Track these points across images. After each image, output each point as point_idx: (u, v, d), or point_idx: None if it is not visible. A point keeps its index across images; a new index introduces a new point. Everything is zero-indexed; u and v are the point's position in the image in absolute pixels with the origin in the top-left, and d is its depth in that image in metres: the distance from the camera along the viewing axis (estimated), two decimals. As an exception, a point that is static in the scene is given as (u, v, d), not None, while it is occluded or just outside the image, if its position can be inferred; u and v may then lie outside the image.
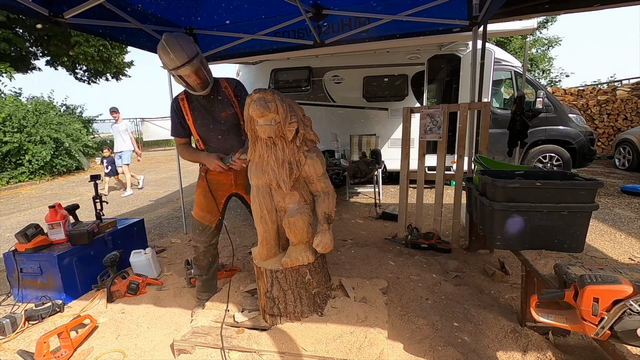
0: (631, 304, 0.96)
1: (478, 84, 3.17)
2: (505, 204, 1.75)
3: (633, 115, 8.51)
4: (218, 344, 1.80)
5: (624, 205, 4.22)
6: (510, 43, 17.49)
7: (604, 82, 14.11)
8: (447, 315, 2.01)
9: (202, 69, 1.89)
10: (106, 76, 15.09)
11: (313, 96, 5.80)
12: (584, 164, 5.60)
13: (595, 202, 1.68)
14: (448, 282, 2.41)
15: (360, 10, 3.12)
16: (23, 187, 8.61)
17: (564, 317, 1.14)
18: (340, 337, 1.76)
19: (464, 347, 1.73)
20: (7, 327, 2.09)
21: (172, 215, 4.94)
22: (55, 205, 2.67)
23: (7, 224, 5.06)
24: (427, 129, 3.02)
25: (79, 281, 2.59)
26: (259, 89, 1.67)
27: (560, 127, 5.46)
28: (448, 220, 3.60)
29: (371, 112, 5.70)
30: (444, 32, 3.21)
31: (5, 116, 8.77)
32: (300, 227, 1.81)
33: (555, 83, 20.14)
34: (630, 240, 3.09)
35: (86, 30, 2.65)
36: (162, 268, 3.00)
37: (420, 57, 5.39)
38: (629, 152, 6.79)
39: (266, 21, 3.35)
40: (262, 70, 5.95)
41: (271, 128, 1.66)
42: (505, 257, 2.70)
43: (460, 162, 3.01)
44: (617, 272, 1.29)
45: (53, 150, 9.42)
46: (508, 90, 6.12)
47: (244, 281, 2.51)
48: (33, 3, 2.09)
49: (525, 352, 1.66)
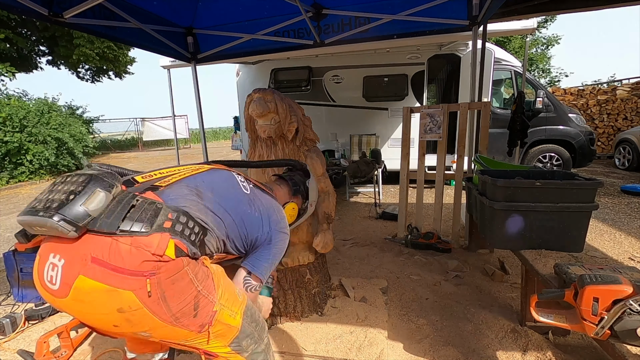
0: (631, 304, 0.96)
1: (478, 84, 3.17)
2: (505, 204, 1.75)
3: (633, 115, 8.51)
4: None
5: (624, 205, 4.22)
6: (509, 43, 17.49)
7: (604, 82, 14.12)
8: (447, 315, 2.01)
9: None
10: (109, 74, 15.06)
11: (313, 96, 5.80)
12: (583, 164, 5.59)
13: (595, 202, 1.68)
14: (448, 281, 2.41)
15: (360, 10, 3.12)
16: (23, 186, 8.61)
17: (564, 316, 1.14)
18: (340, 337, 1.76)
19: (464, 347, 1.73)
20: (7, 326, 2.09)
21: (172, 215, 4.94)
22: (55, 205, 2.67)
23: (7, 224, 5.06)
24: (427, 129, 3.02)
25: (79, 281, 2.58)
26: (258, 88, 1.67)
27: (560, 126, 5.46)
28: (448, 220, 3.60)
29: (371, 111, 5.70)
30: (443, 32, 3.21)
31: (6, 116, 8.77)
32: (300, 227, 1.81)
33: (555, 83, 20.14)
34: (630, 240, 3.09)
35: (86, 30, 2.65)
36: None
37: (420, 57, 5.39)
38: (629, 152, 6.79)
39: (266, 21, 3.35)
40: (262, 70, 5.94)
41: (271, 128, 1.66)
42: (505, 257, 2.70)
43: (460, 162, 3.01)
44: (617, 272, 1.29)
45: (55, 150, 9.44)
46: (508, 90, 6.12)
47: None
48: (33, 3, 2.09)
49: (525, 352, 1.66)
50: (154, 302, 0.80)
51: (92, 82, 15.23)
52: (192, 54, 3.62)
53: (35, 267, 0.85)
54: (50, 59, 13.62)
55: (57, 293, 0.81)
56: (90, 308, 0.81)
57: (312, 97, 5.79)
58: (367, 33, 3.22)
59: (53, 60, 13.66)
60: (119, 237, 0.79)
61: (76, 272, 0.78)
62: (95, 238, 0.80)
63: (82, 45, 11.72)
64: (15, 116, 8.93)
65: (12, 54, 11.41)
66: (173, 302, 0.83)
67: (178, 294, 0.84)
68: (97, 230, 0.79)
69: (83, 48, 11.76)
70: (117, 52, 13.12)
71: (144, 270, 0.79)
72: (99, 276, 0.77)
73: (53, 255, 0.81)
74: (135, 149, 17.86)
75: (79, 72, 14.52)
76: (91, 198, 0.79)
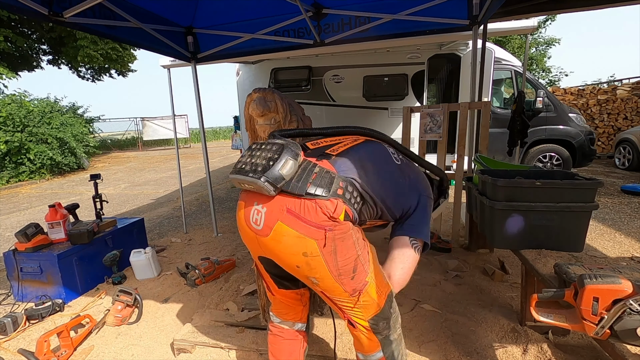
0: (631, 304, 0.96)
1: (478, 84, 3.16)
2: (505, 204, 1.75)
3: (633, 114, 8.51)
4: (218, 343, 1.80)
5: (624, 204, 4.22)
6: (509, 42, 17.48)
7: (604, 81, 14.11)
8: (447, 314, 2.01)
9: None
10: (110, 73, 15.00)
11: (313, 95, 5.79)
12: (584, 164, 5.59)
13: (595, 202, 1.68)
14: (448, 281, 2.41)
15: (360, 9, 3.12)
16: (23, 186, 8.61)
17: (564, 316, 1.14)
18: (340, 337, 1.76)
19: (464, 346, 1.73)
20: (9, 326, 2.10)
21: (172, 214, 4.94)
22: (55, 204, 2.67)
23: (7, 223, 5.07)
24: (427, 129, 3.02)
25: (79, 280, 2.59)
26: (258, 88, 1.67)
27: (560, 126, 5.46)
28: (448, 219, 3.60)
29: (371, 111, 5.70)
30: (444, 32, 3.21)
31: (7, 115, 8.78)
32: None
33: (555, 82, 20.13)
34: (630, 240, 3.09)
35: (86, 30, 2.64)
36: (162, 267, 3.00)
37: (420, 57, 5.38)
38: (629, 152, 6.78)
39: (266, 20, 3.34)
40: (262, 70, 5.94)
41: (271, 127, 1.66)
42: (505, 257, 2.70)
43: (460, 162, 3.01)
44: (617, 271, 1.29)
45: (59, 149, 9.46)
46: (508, 90, 6.12)
47: (244, 281, 2.51)
48: (32, 2, 2.08)
49: (525, 352, 1.66)
50: (328, 253, 1.01)
51: (93, 81, 15.20)
52: (192, 54, 3.61)
53: (240, 211, 1.12)
54: (50, 59, 13.60)
55: (260, 232, 1.05)
56: (283, 248, 1.03)
57: (312, 96, 5.78)
58: (367, 32, 3.21)
59: (54, 60, 13.63)
60: (306, 198, 1.00)
61: (276, 219, 1.01)
62: (287, 196, 1.02)
63: (86, 46, 11.67)
64: (16, 116, 8.93)
65: (13, 53, 11.40)
66: (340, 257, 1.02)
67: (344, 251, 1.03)
68: (289, 192, 1.01)
69: (87, 49, 11.70)
70: (121, 52, 13.05)
71: (324, 225, 0.99)
72: (292, 224, 0.99)
73: (257, 203, 1.06)
74: (135, 148, 17.87)
75: (80, 71, 14.48)
76: (285, 164, 1.00)
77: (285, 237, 1.00)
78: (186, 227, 4.11)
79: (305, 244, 0.99)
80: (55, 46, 12.69)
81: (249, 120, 1.74)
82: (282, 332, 1.38)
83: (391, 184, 1.17)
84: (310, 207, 0.99)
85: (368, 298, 1.09)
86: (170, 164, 11.32)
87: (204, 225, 4.24)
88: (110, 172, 10.17)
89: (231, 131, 15.49)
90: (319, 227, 0.99)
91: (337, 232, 1.00)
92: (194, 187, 7.02)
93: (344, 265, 1.03)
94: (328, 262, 1.01)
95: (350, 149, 1.17)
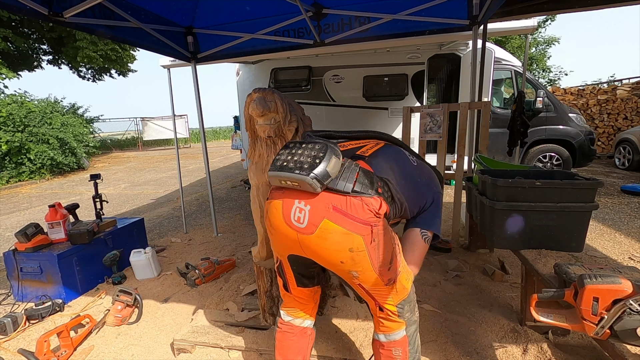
0: (631, 304, 0.96)
1: (478, 84, 3.16)
2: (505, 204, 1.75)
3: (633, 114, 8.51)
4: (218, 343, 1.80)
5: (624, 204, 4.22)
6: (509, 42, 17.47)
7: (604, 81, 14.10)
8: (447, 314, 2.01)
9: None
10: (111, 73, 14.98)
11: (313, 95, 5.79)
12: (584, 164, 5.59)
13: (595, 202, 1.68)
14: (448, 281, 2.41)
15: (360, 9, 3.12)
16: (23, 186, 8.61)
17: (564, 316, 1.14)
18: (340, 337, 1.76)
19: (464, 346, 1.73)
20: (9, 326, 2.10)
21: (172, 214, 4.94)
22: (55, 204, 2.67)
23: (7, 223, 5.06)
24: (427, 129, 3.02)
25: (79, 280, 2.59)
26: (258, 88, 1.67)
27: (560, 126, 5.45)
28: (448, 219, 3.60)
29: (371, 111, 5.70)
30: (444, 32, 3.21)
31: (7, 115, 8.77)
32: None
33: (555, 82, 20.13)
34: (630, 240, 3.09)
35: (86, 30, 2.64)
36: (162, 267, 3.00)
37: (420, 57, 5.38)
38: (629, 152, 6.78)
39: (266, 20, 3.34)
40: (262, 70, 5.93)
41: (271, 127, 1.66)
42: (505, 257, 2.70)
43: (460, 162, 3.01)
44: (617, 271, 1.29)
45: (59, 149, 9.46)
46: (508, 90, 6.12)
47: (244, 281, 2.51)
48: (32, 2, 2.08)
49: (525, 352, 1.66)
50: (373, 247, 1.06)
51: (94, 80, 15.18)
52: (192, 54, 3.61)
53: (278, 209, 1.12)
54: (51, 59, 13.58)
55: (304, 230, 1.07)
56: (329, 244, 1.05)
57: (312, 96, 5.78)
58: (367, 32, 3.21)
59: (54, 60, 13.62)
60: (352, 195, 1.04)
61: (322, 216, 1.04)
62: (332, 194, 1.05)
63: (85, 47, 11.64)
64: (17, 116, 8.93)
65: (13, 53, 11.39)
66: (383, 250, 1.08)
67: (386, 244, 1.09)
68: (335, 189, 1.04)
69: (86, 50, 11.68)
70: (120, 53, 13.03)
71: (370, 222, 1.04)
72: (339, 221, 1.03)
73: (299, 201, 1.08)
74: (135, 148, 17.87)
75: (80, 71, 14.46)
76: (331, 163, 1.03)
77: (332, 234, 1.04)
78: (186, 227, 4.11)
79: (352, 240, 1.04)
80: (55, 46, 12.65)
81: (249, 120, 1.74)
82: (291, 329, 1.41)
83: (412, 184, 1.25)
84: (357, 204, 1.04)
85: (400, 285, 1.18)
86: (170, 164, 11.32)
87: (204, 225, 4.24)
88: (110, 172, 10.17)
89: (231, 131, 15.46)
90: (366, 224, 1.04)
91: (381, 227, 1.07)
92: (194, 187, 7.02)
93: (385, 258, 1.10)
94: (372, 256, 1.07)
95: (377, 152, 1.25)
